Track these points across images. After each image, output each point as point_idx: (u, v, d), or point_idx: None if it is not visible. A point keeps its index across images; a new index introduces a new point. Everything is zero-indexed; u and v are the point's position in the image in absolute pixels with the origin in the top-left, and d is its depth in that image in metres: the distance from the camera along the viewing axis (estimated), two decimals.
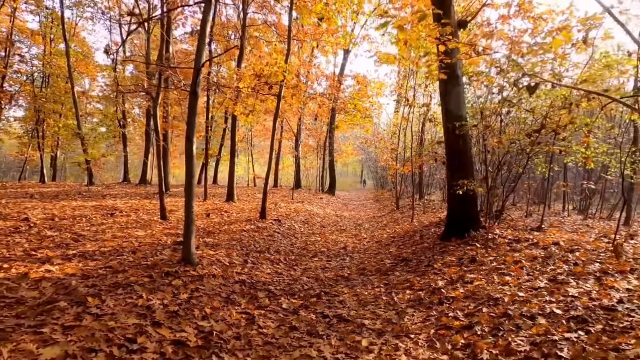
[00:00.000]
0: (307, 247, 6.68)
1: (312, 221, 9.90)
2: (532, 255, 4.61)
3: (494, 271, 4.26)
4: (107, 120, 19.09)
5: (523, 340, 2.61)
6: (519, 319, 2.94)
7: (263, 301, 3.65)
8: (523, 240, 5.48)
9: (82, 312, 2.61)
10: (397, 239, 7.61)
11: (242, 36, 10.95)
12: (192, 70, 4.13)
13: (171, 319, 2.82)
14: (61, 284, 3.13)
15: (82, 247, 4.55)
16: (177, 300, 3.14)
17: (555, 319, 2.83)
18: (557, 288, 3.42)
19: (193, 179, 4.08)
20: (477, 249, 5.27)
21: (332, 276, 4.93)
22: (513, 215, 9.22)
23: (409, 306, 3.72)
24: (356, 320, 3.37)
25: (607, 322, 2.65)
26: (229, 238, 5.92)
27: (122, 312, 2.72)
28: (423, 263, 5.27)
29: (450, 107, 6.14)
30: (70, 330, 2.35)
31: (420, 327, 3.19)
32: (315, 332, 3.10)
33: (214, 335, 2.74)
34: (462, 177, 5.93)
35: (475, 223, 6.25)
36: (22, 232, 5.23)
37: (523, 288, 3.58)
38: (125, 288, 3.17)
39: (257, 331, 3.00)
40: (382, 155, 19.71)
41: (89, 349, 2.18)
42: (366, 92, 17.75)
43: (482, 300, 3.47)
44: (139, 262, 3.99)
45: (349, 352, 2.76)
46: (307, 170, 30.53)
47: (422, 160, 12.14)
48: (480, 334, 2.84)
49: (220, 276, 3.98)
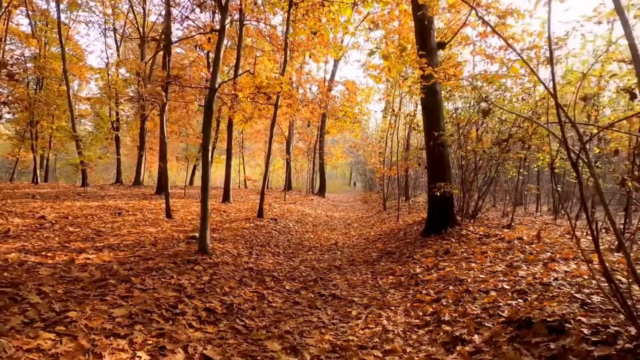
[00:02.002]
0: (302, 243, 7.40)
1: (304, 220, 10.62)
2: (497, 247, 5.41)
3: (463, 260, 5.04)
4: (102, 123, 19.45)
5: (477, 307, 3.38)
6: (477, 293, 3.71)
7: (269, 284, 4.35)
8: (492, 235, 6.29)
9: (130, 287, 3.28)
10: (383, 236, 8.39)
11: (239, 46, 11.61)
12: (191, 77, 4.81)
13: (199, 294, 3.51)
14: (104, 267, 3.79)
15: (106, 241, 5.17)
16: (201, 281, 3.82)
17: (504, 292, 3.61)
18: (511, 271, 4.21)
19: (209, 182, 4.77)
20: (451, 243, 6.06)
21: (326, 266, 5.66)
22: (491, 215, 10.09)
23: (391, 287, 4.48)
24: (347, 298, 4.11)
25: (541, 293, 3.43)
26: (233, 234, 6.59)
27: (161, 287, 3.40)
28: (405, 255, 6.04)
29: (430, 118, 6.95)
30: (126, 299, 3.02)
31: (399, 302, 3.94)
32: (314, 305, 3.82)
33: (234, 307, 3.44)
34: (440, 180, 6.72)
35: (452, 221, 7.05)
36: (46, 228, 5.81)
37: (484, 272, 4.36)
38: (157, 271, 3.84)
39: (268, 305, 3.70)
40: (371, 158, 20.57)
41: (145, 311, 2.85)
42: (355, 99, 18.61)
43: (450, 281, 4.24)
44: (161, 252, 4.65)
45: (342, 319, 3.49)
46: (298, 173, 31.21)
47: (408, 164, 12.98)
48: (445, 304, 3.60)
49: (232, 264, 4.67)
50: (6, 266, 3.56)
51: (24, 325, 2.34)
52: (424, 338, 3.01)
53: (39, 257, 4.00)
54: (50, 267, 3.63)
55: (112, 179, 30.90)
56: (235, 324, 3.10)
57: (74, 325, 2.42)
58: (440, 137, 6.67)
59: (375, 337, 3.07)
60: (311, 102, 14.26)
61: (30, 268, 3.55)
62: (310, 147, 24.10)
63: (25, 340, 2.15)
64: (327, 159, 25.55)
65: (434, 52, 6.81)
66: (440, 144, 6.73)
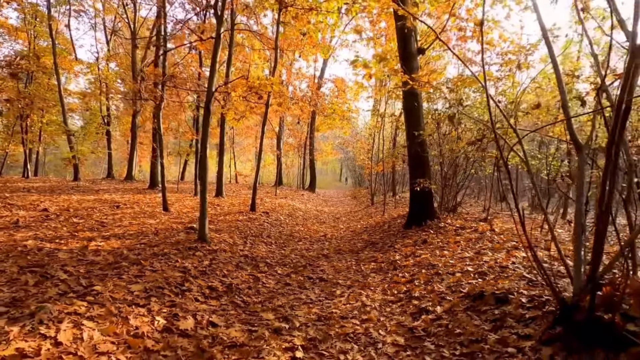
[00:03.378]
0: (293, 234, 7.90)
1: (295, 214, 11.12)
2: (469, 237, 5.99)
3: (438, 248, 5.61)
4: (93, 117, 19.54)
5: (443, 286, 3.93)
6: (444, 275, 4.26)
7: (263, 268, 4.85)
8: (467, 227, 6.87)
9: (141, 269, 3.74)
10: (369, 228, 8.94)
11: (230, 44, 11.97)
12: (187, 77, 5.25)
13: (202, 275, 3.99)
14: (115, 253, 4.23)
15: (111, 231, 5.59)
16: (202, 265, 4.30)
17: (468, 273, 4.17)
18: (477, 257, 4.78)
19: (207, 176, 5.22)
20: (429, 234, 6.63)
21: (314, 254, 6.18)
22: (472, 210, 10.73)
23: (372, 272, 5.02)
24: (333, 281, 4.63)
25: (498, 274, 4.00)
26: (228, 225, 7.05)
27: (168, 269, 3.87)
28: (387, 245, 6.59)
29: (410, 118, 7.49)
30: (140, 278, 3.48)
31: (378, 283, 4.47)
32: (303, 286, 4.34)
33: (233, 286, 3.93)
34: (420, 176, 7.28)
35: (432, 214, 7.63)
36: (52, 219, 6.19)
37: (454, 258, 4.93)
38: (163, 256, 4.30)
39: (262, 285, 4.20)
40: (360, 155, 21.12)
41: (157, 287, 3.33)
42: (344, 96, 19.10)
43: (424, 266, 4.80)
44: (164, 240, 5.10)
45: (327, 297, 4.01)
46: (288, 169, 31.63)
47: (394, 161, 13.56)
48: (417, 284, 4.15)
49: (229, 251, 5.15)
50: (27, 251, 3.97)
51: (60, 296, 2.80)
52: (396, 310, 3.55)
53: (53, 244, 4.42)
54: (66, 252, 4.06)
55: (102, 174, 30.86)
56: (234, 299, 3.59)
57: (100, 296, 2.89)
58: (419, 137, 7.22)
59: (355, 310, 3.59)
60: (301, 100, 14.70)
61: (49, 253, 3.97)
62: (300, 143, 24.56)
63: (64, 306, 2.61)
64: (318, 155, 26.03)
65: (414, 57, 7.34)
66: (419, 143, 7.28)
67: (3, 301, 2.57)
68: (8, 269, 3.24)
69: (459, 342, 2.68)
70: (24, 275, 3.11)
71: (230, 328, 2.92)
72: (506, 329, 2.71)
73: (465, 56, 10.78)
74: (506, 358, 2.35)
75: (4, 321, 2.29)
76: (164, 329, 2.68)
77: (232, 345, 2.66)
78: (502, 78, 7.90)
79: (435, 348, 2.68)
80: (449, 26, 8.87)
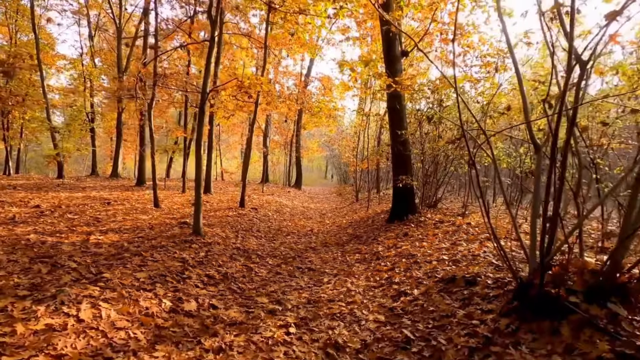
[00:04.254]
0: (281, 229, 8.23)
1: (283, 211, 11.44)
2: (447, 230, 6.44)
3: (418, 240, 6.03)
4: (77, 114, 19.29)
5: (420, 272, 4.34)
6: (422, 263, 4.68)
7: (255, 260, 5.17)
8: (446, 221, 7.33)
9: (143, 259, 4.02)
10: (354, 223, 9.34)
11: (219, 43, 12.16)
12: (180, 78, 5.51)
13: (199, 265, 4.29)
14: (116, 245, 4.49)
15: (107, 226, 5.81)
16: (199, 256, 4.60)
17: (443, 262, 4.59)
18: (453, 247, 5.21)
19: (201, 173, 5.50)
20: (410, 228, 7.06)
21: (302, 247, 6.53)
22: (453, 206, 11.27)
23: (356, 262, 5.40)
24: (320, 270, 4.99)
25: (470, 261, 4.43)
26: (219, 221, 7.33)
27: (168, 260, 4.16)
28: (371, 238, 6.99)
29: (394, 118, 7.90)
30: (143, 267, 3.76)
31: (362, 272, 4.86)
32: (293, 275, 4.69)
33: (228, 275, 4.24)
34: (402, 174, 7.70)
35: (413, 209, 8.07)
36: (47, 215, 6.35)
37: (432, 248, 5.35)
38: (161, 248, 4.57)
39: (255, 274, 4.53)
40: (345, 152, 21.54)
41: (160, 274, 3.62)
42: (331, 94, 19.47)
43: (404, 256, 5.21)
44: (160, 234, 5.36)
45: (315, 284, 4.37)
46: (274, 166, 31.81)
47: (378, 159, 14.01)
48: (397, 272, 4.55)
49: (222, 244, 5.45)
50: (31, 244, 4.19)
51: (74, 282, 3.07)
52: (378, 294, 3.94)
53: (54, 238, 4.63)
54: (69, 245, 4.29)
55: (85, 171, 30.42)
56: (231, 286, 3.92)
57: (110, 282, 3.17)
58: (402, 136, 7.64)
59: (341, 294, 3.96)
60: (288, 99, 14.98)
61: (53, 246, 4.20)
62: (287, 140, 24.82)
63: (80, 290, 2.89)
64: (304, 152, 26.33)
65: (397, 59, 7.74)
66: (402, 142, 7.71)
67: (24, 286, 2.84)
68: (20, 259, 3.48)
69: (432, 318, 3.08)
70: (36, 265, 3.35)
71: (229, 310, 3.25)
72: (473, 305, 3.12)
73: (447, 58, 11.27)
74: (471, 328, 2.75)
75: (29, 302, 2.57)
76: (170, 310, 2.99)
77: (232, 323, 2.99)
78: (480, 79, 8.41)
79: (411, 323, 3.07)
80: (432, 29, 9.35)
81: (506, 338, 2.51)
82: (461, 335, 2.67)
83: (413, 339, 2.76)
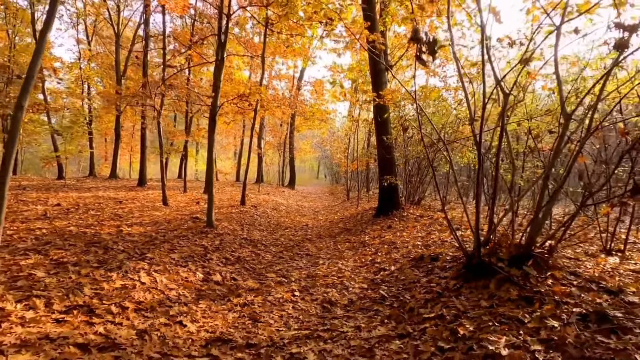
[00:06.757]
0: (280, 224, 9.16)
1: (279, 208, 12.37)
2: (425, 223, 7.44)
3: (399, 231, 7.02)
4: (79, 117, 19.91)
5: (398, 255, 5.32)
6: (400, 248, 5.66)
7: (260, 247, 6.10)
8: (426, 216, 8.34)
9: (172, 245, 4.92)
10: (345, 219, 10.32)
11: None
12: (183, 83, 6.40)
13: (217, 250, 5.21)
14: (145, 234, 5.38)
15: (130, 220, 6.67)
16: (215, 244, 5.51)
17: (417, 246, 5.57)
18: (427, 235, 6.21)
19: (213, 175, 6.40)
20: (394, 221, 8.05)
21: (300, 238, 7.48)
22: (436, 203, 12.31)
23: (346, 249, 6.37)
24: (316, 255, 5.95)
25: (438, 245, 5.41)
26: (225, 216, 8.23)
27: (192, 245, 5.07)
28: (359, 230, 7.97)
29: (380, 125, 8.89)
30: (174, 251, 4.67)
31: (350, 256, 5.82)
32: (293, 259, 5.63)
33: (241, 258, 5.17)
34: (387, 174, 8.69)
35: (397, 206, 9.07)
36: (73, 212, 7.18)
37: (410, 237, 6.34)
38: (183, 237, 5.47)
39: (262, 258, 5.46)
40: (336, 154, 22.53)
41: (189, 256, 4.54)
42: (323, 98, 20.44)
43: (387, 243, 6.18)
44: (178, 227, 6.26)
45: (313, 265, 5.32)
46: (268, 166, 32.63)
47: (368, 160, 15.01)
48: (379, 255, 5.52)
49: (232, 235, 6.37)
50: (75, 234, 5.06)
51: (127, 259, 3.97)
52: (363, 271, 4.90)
53: (91, 230, 5.50)
54: (107, 235, 5.17)
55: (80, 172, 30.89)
56: (244, 266, 4.85)
57: (154, 260, 4.08)
58: (387, 140, 8.63)
59: (333, 272, 4.92)
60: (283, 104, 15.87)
61: (94, 235, 5.07)
62: (280, 142, 25.71)
63: (134, 264, 3.80)
64: (297, 153, 27.26)
65: (382, 72, 8.73)
66: (386, 146, 8.70)
67: (92, 262, 3.73)
68: (77, 244, 4.36)
69: (402, 284, 4.05)
70: (92, 248, 4.24)
71: (247, 281, 4.19)
72: (433, 274, 4.10)
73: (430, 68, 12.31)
74: (429, 288, 3.72)
75: (103, 271, 3.47)
76: (203, 280, 3.92)
77: (251, 289, 3.92)
78: (458, 89, 9.43)
79: (386, 288, 4.03)
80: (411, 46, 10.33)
81: (452, 293, 3.49)
82: (421, 293, 3.64)
83: (387, 297, 3.73)
